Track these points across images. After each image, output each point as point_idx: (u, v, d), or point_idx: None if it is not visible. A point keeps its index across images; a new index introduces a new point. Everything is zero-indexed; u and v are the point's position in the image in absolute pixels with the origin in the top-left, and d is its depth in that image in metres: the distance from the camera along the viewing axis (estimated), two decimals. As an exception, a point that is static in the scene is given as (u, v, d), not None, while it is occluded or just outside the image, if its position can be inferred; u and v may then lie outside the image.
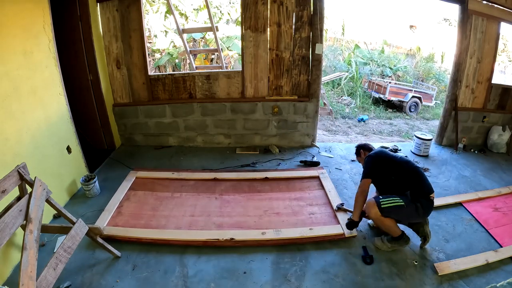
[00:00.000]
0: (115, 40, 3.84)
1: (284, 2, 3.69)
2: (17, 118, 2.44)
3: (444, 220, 2.85)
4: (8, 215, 1.66)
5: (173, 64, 8.81)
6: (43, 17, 2.77)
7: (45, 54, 2.82)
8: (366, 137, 6.36)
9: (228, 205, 2.97)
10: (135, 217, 2.76)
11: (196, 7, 9.08)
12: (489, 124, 4.46)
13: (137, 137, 4.36)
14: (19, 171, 1.85)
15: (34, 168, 2.35)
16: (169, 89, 4.13)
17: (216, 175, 3.44)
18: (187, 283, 2.15)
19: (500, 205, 3.07)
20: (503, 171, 3.82)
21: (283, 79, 4.06)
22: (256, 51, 3.90)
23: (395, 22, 14.39)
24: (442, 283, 2.16)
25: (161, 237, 2.50)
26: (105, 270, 2.24)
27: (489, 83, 4.21)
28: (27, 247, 1.63)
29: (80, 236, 2.03)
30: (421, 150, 4.17)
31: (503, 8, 3.85)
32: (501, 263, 2.34)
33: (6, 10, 2.35)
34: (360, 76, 10.30)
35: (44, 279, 1.67)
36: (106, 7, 3.71)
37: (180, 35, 5.01)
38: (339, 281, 2.18)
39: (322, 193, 3.15)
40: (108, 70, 3.99)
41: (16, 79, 2.44)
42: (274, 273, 2.24)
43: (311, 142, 4.42)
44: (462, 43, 3.99)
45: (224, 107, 4.17)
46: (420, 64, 12.01)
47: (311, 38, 3.87)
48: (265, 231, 2.55)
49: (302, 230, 2.57)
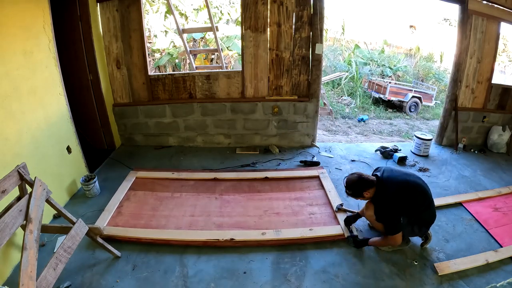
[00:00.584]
0: (115, 40, 3.84)
1: (284, 2, 3.69)
2: (17, 118, 2.44)
3: (444, 220, 2.85)
4: (8, 215, 1.66)
5: (173, 64, 8.81)
6: (43, 17, 2.77)
7: (45, 54, 2.82)
8: (366, 137, 6.36)
9: (228, 205, 2.97)
10: (135, 217, 2.76)
11: (196, 7, 9.09)
12: (489, 124, 4.46)
13: (137, 137, 4.36)
14: (19, 171, 1.85)
15: (34, 168, 2.36)
16: (169, 89, 4.12)
17: (216, 175, 3.44)
18: (187, 283, 2.15)
19: (500, 205, 3.07)
20: (503, 171, 3.82)
21: (283, 79, 4.06)
22: (256, 51, 3.90)
23: (395, 22, 14.39)
24: (442, 283, 2.16)
25: (161, 237, 2.50)
26: (105, 270, 2.24)
27: (489, 83, 4.21)
28: (27, 247, 1.63)
29: (80, 236, 2.03)
30: (421, 150, 4.17)
31: (503, 8, 3.85)
32: (501, 263, 2.33)
33: (6, 10, 2.35)
34: (360, 76, 10.30)
35: (44, 279, 1.67)
36: (106, 7, 3.71)
37: (180, 35, 5.01)
38: (339, 281, 2.18)
39: (322, 193, 3.15)
40: (108, 70, 3.99)
41: (16, 79, 2.44)
42: (274, 273, 2.24)
43: (311, 142, 4.42)
44: (462, 43, 3.99)
45: (224, 107, 4.17)
46: (420, 64, 12.02)
47: (311, 38, 3.86)
48: (265, 231, 2.55)
49: (302, 230, 2.57)
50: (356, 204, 3.06)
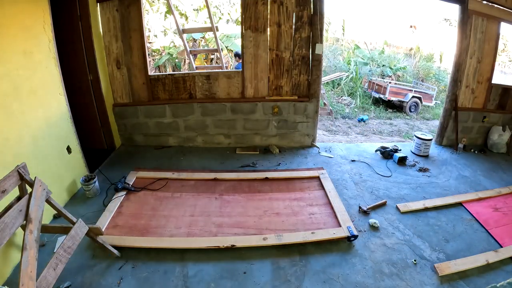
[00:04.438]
0: (115, 40, 3.84)
1: (284, 2, 3.69)
2: (17, 118, 2.44)
3: (444, 220, 2.85)
4: (8, 215, 1.66)
5: (173, 64, 8.82)
6: (43, 17, 2.77)
7: (45, 54, 2.82)
8: (366, 137, 6.36)
9: (228, 205, 2.97)
10: (135, 217, 2.75)
11: (196, 7, 9.09)
12: (489, 124, 4.46)
13: (137, 137, 4.36)
14: (19, 171, 1.85)
15: (34, 168, 2.36)
16: (169, 89, 4.12)
17: (216, 175, 3.44)
18: (187, 283, 2.15)
19: (500, 205, 3.07)
20: (503, 171, 3.82)
21: (283, 79, 4.06)
22: (256, 51, 3.90)
23: (395, 22, 14.41)
24: (442, 283, 2.16)
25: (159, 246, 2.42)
26: (105, 270, 2.24)
27: (489, 83, 4.21)
28: (27, 247, 1.63)
29: (80, 236, 2.03)
30: (421, 150, 4.17)
31: (503, 8, 3.85)
32: (501, 263, 2.34)
33: (6, 10, 2.35)
34: (360, 76, 10.30)
35: (44, 279, 1.67)
36: (106, 7, 3.71)
37: (180, 35, 5.01)
38: (339, 281, 2.18)
39: (322, 194, 3.15)
40: (108, 70, 3.99)
41: (16, 79, 2.44)
42: (274, 273, 2.24)
43: (311, 142, 4.42)
44: (462, 43, 3.99)
45: (224, 107, 4.17)
46: (420, 64, 12.02)
47: (311, 38, 3.87)
48: (266, 236, 2.50)
49: (304, 234, 2.54)
50: (356, 204, 3.07)
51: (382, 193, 3.27)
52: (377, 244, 2.54)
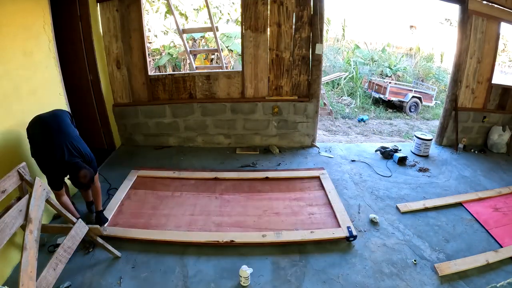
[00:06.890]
0: (115, 40, 3.84)
1: (284, 2, 3.69)
2: (17, 118, 2.44)
3: (444, 220, 2.85)
4: (8, 215, 1.66)
5: (173, 64, 8.82)
6: (43, 17, 2.77)
7: (45, 54, 2.81)
8: (366, 137, 6.36)
9: (228, 204, 2.97)
10: (135, 215, 2.76)
11: (196, 7, 9.09)
12: (489, 124, 4.46)
13: (137, 137, 4.36)
14: (19, 171, 1.85)
15: (34, 168, 2.36)
16: (169, 89, 4.12)
17: (216, 175, 3.44)
18: (187, 283, 2.15)
19: (500, 205, 3.07)
20: (503, 171, 3.82)
21: (283, 79, 4.06)
22: (256, 51, 3.90)
23: (395, 22, 14.40)
24: (442, 283, 2.16)
25: (161, 238, 2.49)
26: (105, 270, 2.24)
27: (489, 83, 4.21)
28: (27, 247, 1.63)
29: (80, 236, 2.04)
30: (421, 150, 4.17)
31: (503, 8, 3.85)
32: (501, 263, 2.34)
33: (6, 10, 2.35)
34: (360, 76, 10.29)
35: (44, 279, 1.67)
36: (106, 7, 3.71)
37: (180, 35, 5.01)
38: (339, 282, 2.18)
39: (322, 194, 3.15)
40: (108, 70, 3.99)
41: (16, 79, 2.44)
42: (274, 273, 2.24)
43: (311, 142, 4.42)
44: (462, 43, 3.99)
45: (224, 107, 4.17)
46: (420, 64, 12.01)
47: (311, 38, 3.86)
48: (265, 233, 2.53)
49: (303, 233, 2.55)
50: (356, 204, 3.07)
51: (382, 193, 3.27)
52: (377, 244, 2.54)
